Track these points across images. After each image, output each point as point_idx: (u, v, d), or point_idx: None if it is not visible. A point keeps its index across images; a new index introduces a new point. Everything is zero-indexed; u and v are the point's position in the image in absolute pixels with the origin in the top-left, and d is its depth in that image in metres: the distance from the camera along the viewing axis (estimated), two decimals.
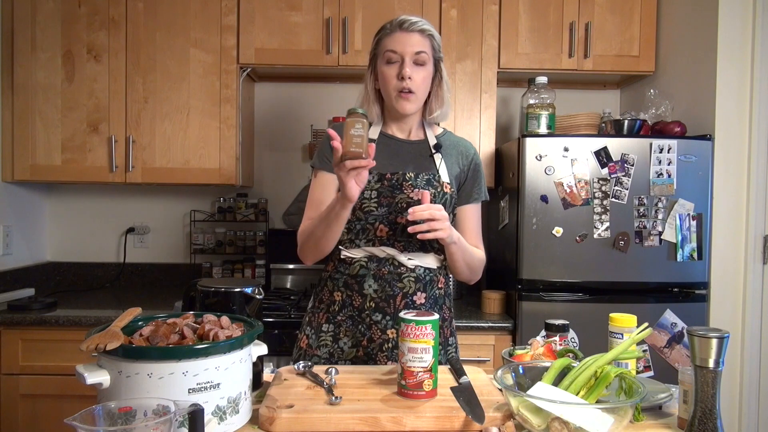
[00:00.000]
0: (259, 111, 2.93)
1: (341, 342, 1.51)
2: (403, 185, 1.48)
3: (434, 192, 1.48)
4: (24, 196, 2.73)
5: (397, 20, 1.50)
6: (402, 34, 1.47)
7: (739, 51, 2.21)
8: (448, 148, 1.58)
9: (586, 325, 2.14)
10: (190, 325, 1.03)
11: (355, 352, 1.49)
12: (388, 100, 1.52)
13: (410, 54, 1.46)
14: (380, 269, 1.48)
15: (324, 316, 1.54)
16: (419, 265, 1.49)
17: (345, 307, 1.51)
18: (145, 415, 0.82)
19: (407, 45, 1.47)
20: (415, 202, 1.45)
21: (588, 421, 0.89)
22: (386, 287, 1.47)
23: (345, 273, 1.51)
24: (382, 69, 1.50)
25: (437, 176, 1.52)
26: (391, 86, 1.48)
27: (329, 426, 0.99)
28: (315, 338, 1.54)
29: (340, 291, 1.52)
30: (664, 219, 2.21)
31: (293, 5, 2.54)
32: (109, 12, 2.51)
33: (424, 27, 1.49)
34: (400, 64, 1.47)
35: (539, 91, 2.48)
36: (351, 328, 1.50)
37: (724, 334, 0.93)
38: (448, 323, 1.57)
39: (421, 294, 1.49)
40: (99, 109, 2.53)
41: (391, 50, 1.47)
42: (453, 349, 1.58)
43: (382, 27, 1.53)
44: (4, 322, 2.21)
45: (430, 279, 1.51)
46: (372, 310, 1.48)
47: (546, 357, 1.19)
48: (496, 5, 2.56)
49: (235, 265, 2.85)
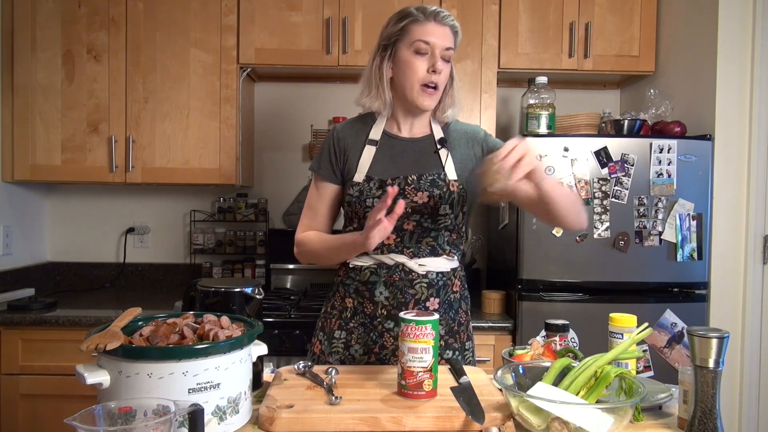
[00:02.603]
0: (259, 111, 2.93)
1: (352, 349, 1.47)
2: (406, 190, 1.42)
3: (439, 193, 1.42)
4: (24, 196, 2.73)
5: (429, 10, 1.40)
6: (436, 26, 1.39)
7: (739, 51, 2.21)
8: (456, 138, 1.51)
9: (586, 325, 2.14)
10: (190, 325, 1.03)
11: (367, 358, 1.46)
12: (408, 93, 1.42)
13: (441, 48, 1.39)
14: (391, 276, 1.43)
15: (336, 323, 1.50)
16: (431, 270, 1.44)
17: (357, 314, 1.47)
18: (145, 415, 0.82)
19: (440, 38, 1.39)
20: (419, 206, 1.41)
21: (588, 421, 0.89)
22: (398, 294, 1.43)
23: (356, 279, 1.47)
24: (409, 58, 1.40)
25: (442, 174, 1.44)
26: (417, 78, 1.40)
27: (329, 426, 0.99)
28: (327, 344, 1.50)
29: (351, 297, 1.48)
30: (664, 219, 2.21)
31: (293, 5, 2.54)
32: (109, 12, 2.51)
33: (454, 23, 1.43)
34: (431, 56, 1.39)
35: (539, 91, 2.48)
36: (363, 335, 1.47)
37: (724, 334, 0.93)
38: (465, 327, 1.51)
39: (434, 299, 1.44)
40: (99, 109, 2.53)
41: (423, 41, 1.38)
42: (470, 354, 1.53)
43: (408, 12, 1.42)
44: (4, 322, 2.21)
45: (444, 283, 1.46)
46: (384, 317, 1.44)
47: (546, 357, 1.19)
48: (496, 5, 2.56)
49: (235, 265, 2.85)
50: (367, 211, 1.42)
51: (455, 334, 1.48)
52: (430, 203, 1.41)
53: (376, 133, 1.50)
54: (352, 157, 1.49)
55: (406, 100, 1.45)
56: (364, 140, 1.50)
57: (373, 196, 1.43)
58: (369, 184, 1.44)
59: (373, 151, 1.48)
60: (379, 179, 1.44)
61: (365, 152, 1.48)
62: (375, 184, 1.44)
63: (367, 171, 1.46)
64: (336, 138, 1.52)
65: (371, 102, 1.47)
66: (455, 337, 1.48)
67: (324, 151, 1.53)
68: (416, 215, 1.42)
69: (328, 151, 1.52)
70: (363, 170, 1.46)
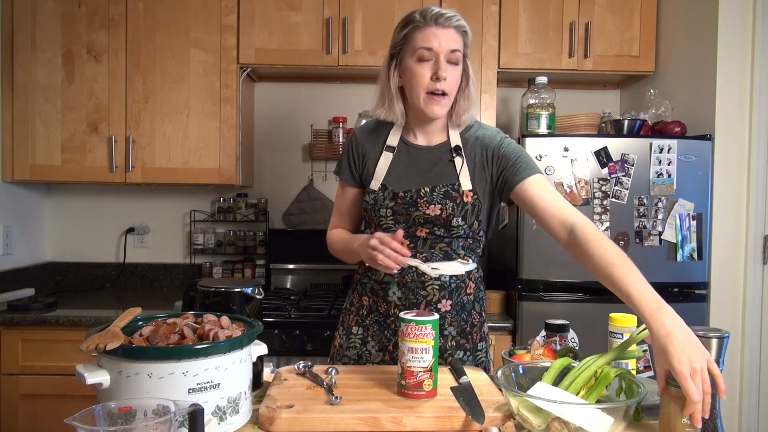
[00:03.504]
0: (259, 111, 2.93)
1: (369, 345, 1.50)
2: (418, 202, 1.40)
3: (452, 205, 1.39)
4: (24, 196, 2.73)
5: (430, 13, 1.36)
6: (438, 30, 1.35)
7: (739, 51, 2.21)
8: (472, 146, 1.46)
9: (586, 325, 2.14)
10: (190, 325, 1.03)
11: (382, 356, 1.48)
12: (416, 102, 1.39)
13: (445, 52, 1.35)
14: (404, 277, 1.44)
15: (354, 319, 1.53)
16: (444, 273, 1.43)
17: (372, 312, 1.50)
18: (145, 415, 0.82)
19: (443, 42, 1.34)
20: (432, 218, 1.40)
21: (588, 421, 0.89)
22: (410, 295, 1.44)
23: (372, 278, 1.49)
24: (412, 67, 1.37)
25: (456, 185, 1.41)
26: (422, 86, 1.36)
27: (329, 426, 0.99)
28: (346, 339, 1.54)
29: (367, 296, 1.51)
30: (664, 219, 2.21)
31: (293, 5, 2.54)
32: (109, 12, 2.51)
33: (460, 23, 1.38)
34: (434, 63, 1.35)
35: (539, 91, 2.48)
36: (377, 333, 1.49)
37: (724, 334, 0.93)
38: (478, 328, 1.51)
39: (446, 301, 1.44)
40: (99, 109, 2.52)
41: (426, 47, 1.34)
42: (483, 354, 1.52)
43: (411, 18, 1.39)
44: (4, 322, 2.21)
45: (456, 286, 1.45)
46: (396, 317, 1.44)
47: (546, 357, 1.19)
48: (496, 5, 2.56)
49: (235, 265, 2.85)
50: (381, 221, 1.44)
51: (467, 335, 1.49)
52: (442, 215, 1.40)
53: (394, 139, 1.48)
54: (370, 162, 1.50)
55: (418, 109, 1.42)
56: (381, 146, 1.49)
57: (386, 206, 1.44)
58: (383, 194, 1.44)
59: (390, 158, 1.48)
60: (392, 190, 1.44)
61: (382, 159, 1.48)
62: (389, 194, 1.44)
63: (383, 179, 1.46)
64: (355, 143, 1.53)
65: (385, 114, 1.46)
66: (467, 338, 1.49)
67: (344, 156, 1.55)
68: (429, 225, 1.42)
69: (347, 155, 1.54)
70: (379, 178, 1.46)
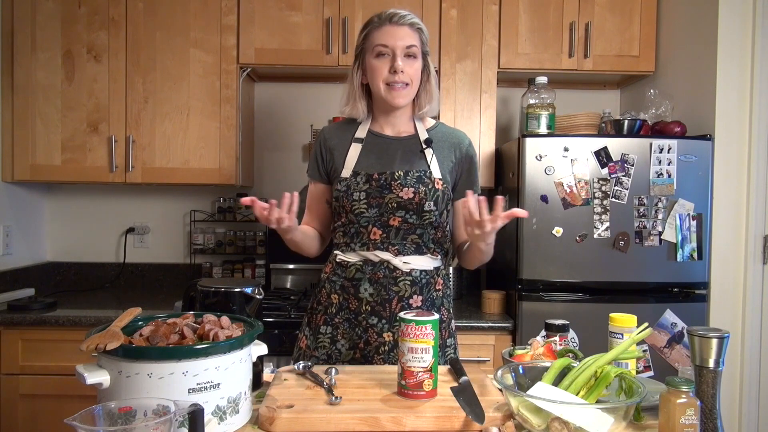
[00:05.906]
0: (259, 111, 2.93)
1: (338, 344, 1.51)
2: (392, 185, 1.46)
3: (425, 189, 1.46)
4: (24, 196, 2.73)
5: (386, 14, 1.48)
6: (392, 28, 1.47)
7: (739, 51, 2.21)
8: (440, 141, 1.56)
9: (586, 325, 2.14)
10: (190, 325, 1.03)
11: (352, 354, 1.50)
12: (378, 92, 1.49)
13: (401, 48, 1.46)
14: (375, 273, 1.48)
15: (322, 318, 1.54)
16: (414, 267, 1.49)
17: (342, 309, 1.51)
18: (145, 415, 0.82)
19: (398, 38, 1.46)
20: (405, 201, 1.45)
21: (588, 421, 0.89)
22: (382, 291, 1.47)
23: (342, 276, 1.51)
24: (372, 62, 1.48)
25: (428, 173, 1.49)
26: (381, 78, 1.47)
27: (329, 426, 0.99)
28: (313, 339, 1.54)
29: (337, 294, 1.52)
30: (664, 219, 2.21)
31: (293, 5, 2.54)
32: (109, 12, 2.51)
33: (413, 20, 1.49)
34: (391, 58, 1.46)
35: (539, 91, 2.48)
36: (348, 330, 1.51)
37: (724, 334, 0.93)
38: (446, 324, 1.56)
39: (417, 297, 1.49)
40: (99, 109, 2.52)
41: (382, 44, 1.46)
42: (452, 350, 1.57)
43: (370, 21, 1.51)
44: (4, 322, 2.21)
45: (427, 281, 1.51)
46: (368, 313, 1.48)
47: (546, 357, 1.19)
48: (496, 5, 2.56)
49: (235, 265, 2.85)
50: (354, 205, 1.48)
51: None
52: (415, 199, 1.46)
53: (362, 132, 1.57)
54: (338, 155, 1.56)
55: (381, 101, 1.52)
56: (350, 139, 1.56)
57: (360, 189, 1.47)
58: (356, 179, 1.49)
59: (359, 149, 1.54)
60: (366, 173, 1.49)
61: (351, 149, 1.54)
62: (362, 178, 1.49)
63: (354, 167, 1.51)
64: (323, 138, 1.61)
65: (350, 110, 1.56)
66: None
67: (312, 152, 1.61)
68: (401, 211, 1.47)
69: (315, 151, 1.61)
70: (350, 166, 1.52)
